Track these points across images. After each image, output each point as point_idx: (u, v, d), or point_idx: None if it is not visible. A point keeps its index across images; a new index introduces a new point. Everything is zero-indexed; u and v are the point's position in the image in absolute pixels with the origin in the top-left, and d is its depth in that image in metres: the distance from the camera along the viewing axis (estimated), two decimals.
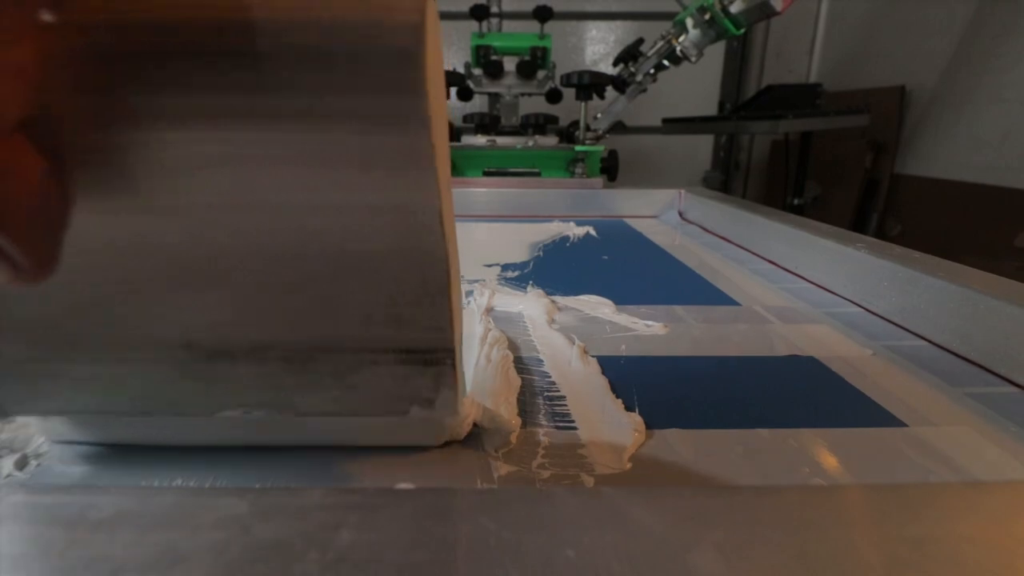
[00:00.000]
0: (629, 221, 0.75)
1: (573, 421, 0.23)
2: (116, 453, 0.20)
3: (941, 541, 0.11)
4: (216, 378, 0.16)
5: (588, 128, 1.02)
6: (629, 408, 0.24)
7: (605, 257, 0.55)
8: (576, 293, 0.41)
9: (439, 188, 0.13)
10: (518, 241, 0.60)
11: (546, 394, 0.26)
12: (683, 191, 0.76)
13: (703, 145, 2.32)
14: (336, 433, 0.20)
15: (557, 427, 0.23)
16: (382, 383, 0.16)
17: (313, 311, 0.15)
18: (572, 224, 0.70)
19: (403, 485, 0.15)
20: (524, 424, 0.23)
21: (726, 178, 2.30)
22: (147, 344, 0.16)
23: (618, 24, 2.15)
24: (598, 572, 0.10)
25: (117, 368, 0.16)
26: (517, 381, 0.26)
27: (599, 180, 0.91)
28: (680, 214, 0.76)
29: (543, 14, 1.09)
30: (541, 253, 0.56)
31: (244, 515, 0.11)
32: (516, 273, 0.47)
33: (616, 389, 0.26)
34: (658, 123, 1.69)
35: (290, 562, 0.10)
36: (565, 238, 0.63)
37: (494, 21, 1.17)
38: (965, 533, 0.11)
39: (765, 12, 0.92)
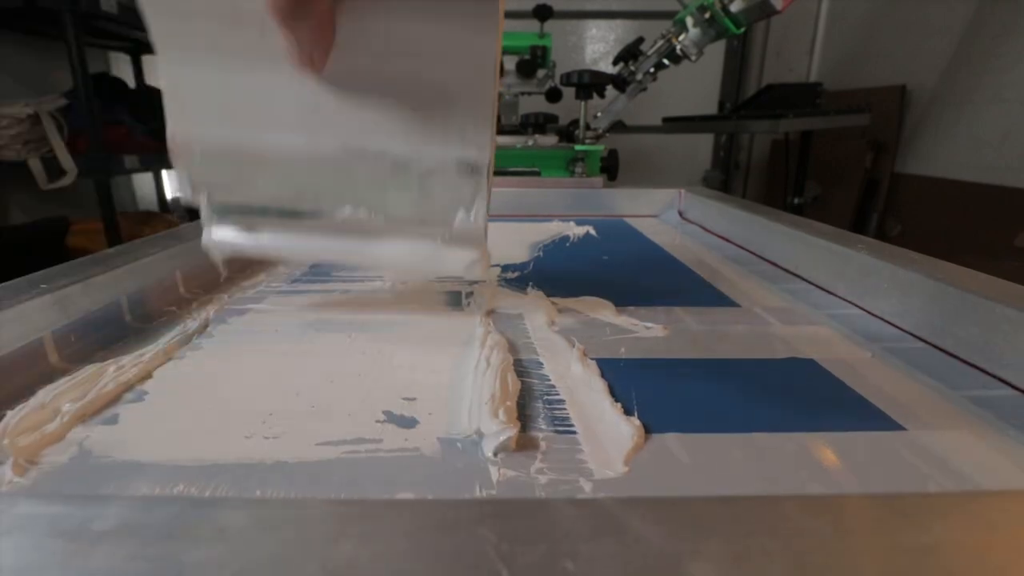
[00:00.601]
0: (629, 221, 0.75)
1: (572, 425, 0.23)
2: None
3: (939, 551, 0.11)
4: (352, 173, 0.27)
5: (588, 127, 1.02)
6: (628, 412, 0.24)
7: (605, 257, 0.55)
8: (576, 294, 0.41)
9: (497, 41, 0.23)
10: (518, 241, 0.60)
11: (545, 398, 0.26)
12: (683, 191, 0.76)
13: (703, 144, 2.32)
14: (398, 257, 0.30)
15: (556, 431, 0.23)
16: (446, 186, 0.26)
17: (415, 127, 0.25)
18: (572, 224, 0.70)
19: (403, 495, 0.15)
20: (523, 428, 0.23)
21: (726, 177, 2.30)
22: (323, 143, 0.26)
23: (618, 23, 2.15)
24: None
25: (298, 162, 0.26)
26: (517, 385, 0.26)
27: (599, 179, 0.91)
28: (680, 214, 0.76)
29: (543, 13, 1.09)
30: (541, 253, 0.56)
31: (244, 527, 0.11)
32: (516, 274, 0.47)
33: (616, 392, 0.26)
34: (658, 122, 1.69)
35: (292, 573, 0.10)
36: (565, 238, 0.63)
37: None
38: (963, 543, 0.11)
39: (765, 11, 0.92)
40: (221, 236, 0.30)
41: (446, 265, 0.30)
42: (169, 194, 2.20)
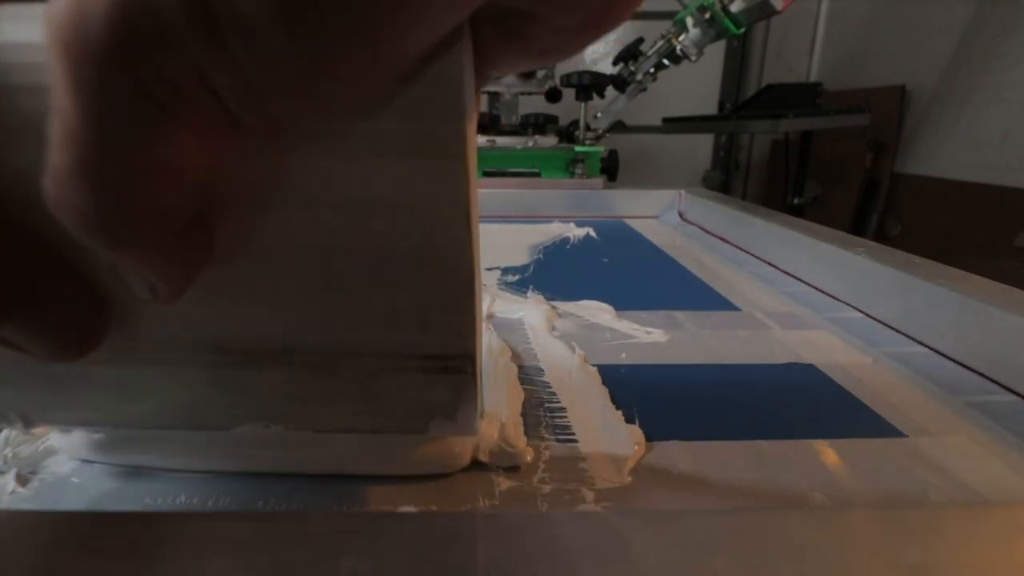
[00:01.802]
0: (629, 222, 0.75)
1: (574, 434, 0.23)
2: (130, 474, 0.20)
3: (941, 567, 0.11)
4: (241, 385, 0.16)
5: (588, 128, 1.02)
6: (629, 419, 0.24)
7: (605, 260, 0.55)
8: (576, 298, 0.41)
9: (469, 184, 0.13)
10: (518, 243, 0.60)
11: (546, 405, 0.26)
12: (683, 192, 0.76)
13: (703, 145, 2.32)
14: (349, 460, 0.20)
15: (558, 440, 0.23)
16: (403, 393, 0.16)
17: (342, 313, 0.15)
18: (572, 225, 0.70)
19: (405, 508, 0.15)
20: (526, 439, 0.23)
21: (726, 177, 2.30)
22: (178, 346, 0.15)
23: None
24: None
25: (146, 371, 0.16)
26: (521, 395, 0.26)
27: (599, 180, 0.91)
28: (680, 215, 0.76)
29: None
30: (541, 256, 0.56)
31: (247, 540, 0.11)
32: (516, 277, 0.47)
33: (616, 399, 0.26)
34: (658, 122, 1.69)
35: None
36: (565, 239, 0.63)
37: None
38: (965, 559, 0.11)
39: (765, 11, 0.92)
40: (65, 444, 0.21)
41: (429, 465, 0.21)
42: None
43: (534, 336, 0.34)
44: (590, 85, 0.95)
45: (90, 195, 0.08)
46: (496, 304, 0.39)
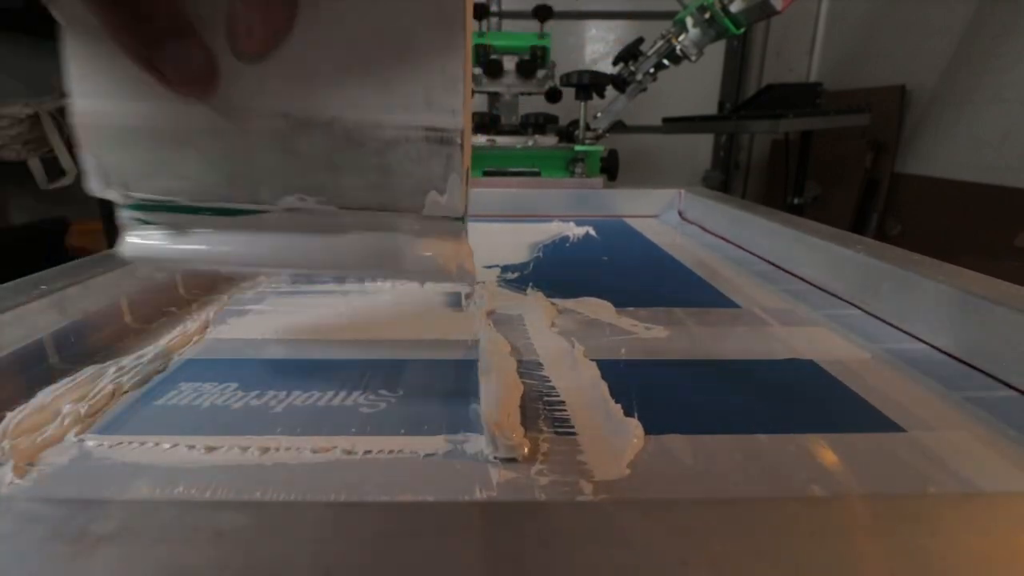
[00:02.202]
0: (629, 221, 0.75)
1: (572, 427, 0.23)
2: None
3: (940, 555, 0.11)
4: (296, 151, 0.21)
5: (588, 127, 1.02)
6: (628, 413, 0.24)
7: (605, 258, 0.55)
8: (576, 295, 0.41)
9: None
10: (518, 241, 0.60)
11: (545, 399, 0.26)
12: (683, 191, 0.76)
13: (703, 144, 2.32)
14: (361, 253, 0.24)
15: (556, 432, 0.23)
16: (408, 165, 0.21)
17: (373, 93, 0.20)
18: (572, 224, 0.70)
19: (403, 497, 0.15)
20: (524, 430, 0.23)
21: (726, 177, 2.30)
22: (259, 113, 0.20)
23: (618, 23, 2.15)
24: None
25: (229, 138, 0.21)
26: (520, 388, 0.26)
27: (599, 180, 0.91)
28: (680, 214, 0.76)
29: (543, 13, 1.09)
30: (541, 254, 0.56)
31: (244, 529, 0.11)
32: (516, 275, 0.47)
33: (615, 393, 0.26)
34: (658, 122, 1.69)
35: None
36: (565, 238, 0.63)
37: (494, 20, 1.17)
38: (964, 547, 0.11)
39: (765, 11, 0.92)
40: (139, 244, 0.24)
41: (422, 264, 0.23)
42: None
43: (534, 332, 0.34)
44: (590, 85, 0.95)
45: None
46: (496, 301, 0.39)
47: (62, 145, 1.31)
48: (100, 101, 0.21)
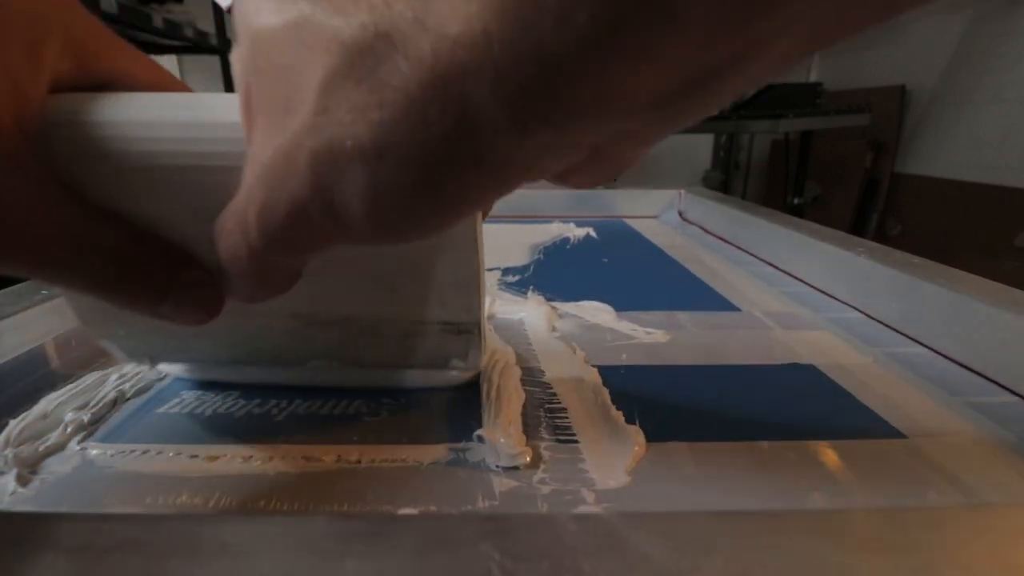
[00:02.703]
0: (629, 222, 0.75)
1: (574, 434, 0.23)
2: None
3: (942, 569, 0.11)
4: (312, 338, 0.23)
5: None
6: (630, 420, 0.24)
7: (605, 260, 0.55)
8: (576, 298, 0.41)
9: (476, 222, 0.19)
10: (518, 243, 0.60)
11: (547, 406, 0.26)
12: (683, 191, 0.76)
13: (703, 144, 2.32)
14: (389, 377, 0.27)
15: (558, 440, 0.23)
16: (428, 345, 0.24)
17: (384, 298, 0.22)
18: (572, 225, 0.70)
19: (406, 510, 0.15)
20: (526, 439, 0.23)
21: (726, 177, 2.30)
22: (271, 313, 0.22)
23: None
24: None
25: (246, 329, 0.23)
26: (522, 397, 0.26)
27: None
28: (680, 214, 0.76)
29: None
30: (541, 256, 0.56)
31: (249, 542, 0.11)
32: (516, 277, 0.47)
33: (617, 400, 0.26)
34: None
35: None
36: (565, 239, 0.63)
37: None
38: (965, 561, 0.11)
39: None
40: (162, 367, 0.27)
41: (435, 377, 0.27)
42: None
43: (535, 337, 0.34)
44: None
45: (247, 248, 0.13)
46: (497, 305, 0.39)
47: None
48: (110, 331, 0.24)
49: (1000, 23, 1.37)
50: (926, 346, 0.33)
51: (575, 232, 0.67)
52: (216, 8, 1.81)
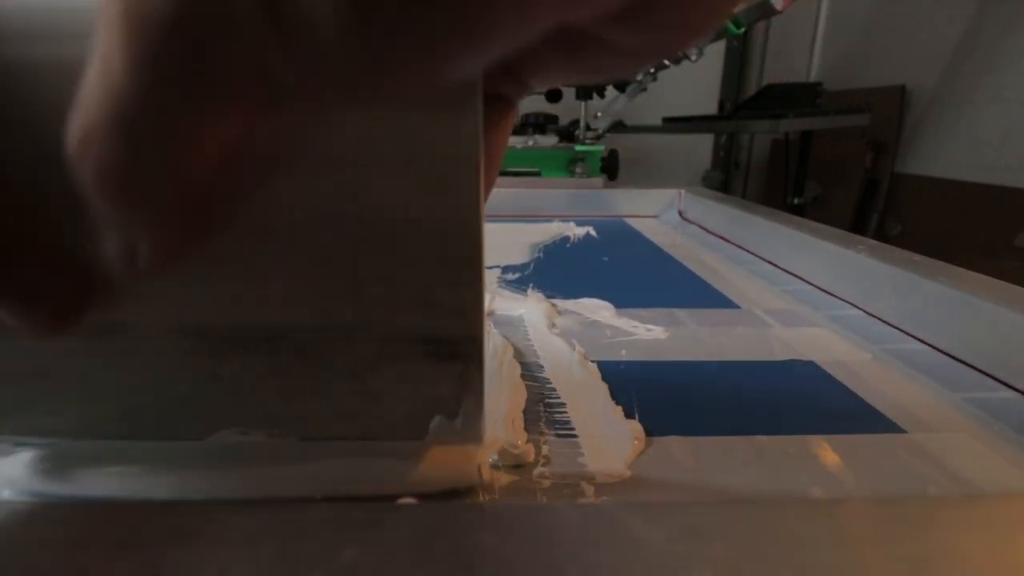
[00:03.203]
0: (629, 221, 0.75)
1: (573, 428, 0.23)
2: None
3: (941, 559, 0.11)
4: (221, 379, 0.14)
5: (588, 127, 1.02)
6: (629, 415, 0.24)
7: (605, 258, 0.55)
8: (576, 296, 0.41)
9: (478, 141, 0.12)
10: (518, 242, 0.60)
11: (546, 401, 0.26)
12: (683, 191, 0.76)
13: (703, 144, 2.32)
14: (337, 480, 0.17)
15: (557, 435, 0.23)
16: (402, 387, 0.15)
17: (340, 291, 0.13)
18: (572, 224, 0.70)
19: (405, 500, 0.15)
20: (527, 435, 0.23)
21: (726, 177, 2.30)
22: (157, 331, 0.13)
23: None
24: None
25: (116, 361, 0.14)
26: (524, 394, 0.26)
27: (599, 180, 0.91)
28: (680, 214, 0.76)
29: None
30: (541, 254, 0.56)
31: (248, 531, 0.11)
32: (516, 275, 0.47)
33: (616, 395, 0.26)
34: (658, 122, 1.69)
35: None
36: (565, 238, 0.63)
37: None
38: (965, 550, 0.11)
39: (765, 11, 0.92)
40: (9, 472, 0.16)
41: (426, 484, 0.17)
42: None
43: (534, 333, 0.34)
44: (591, 86, 0.95)
45: (120, 152, 0.08)
46: (496, 302, 0.39)
47: None
48: None
49: (1000, 23, 1.37)
50: (926, 343, 0.33)
51: (575, 231, 0.67)
52: None
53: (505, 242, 0.60)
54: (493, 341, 0.31)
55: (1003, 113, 1.37)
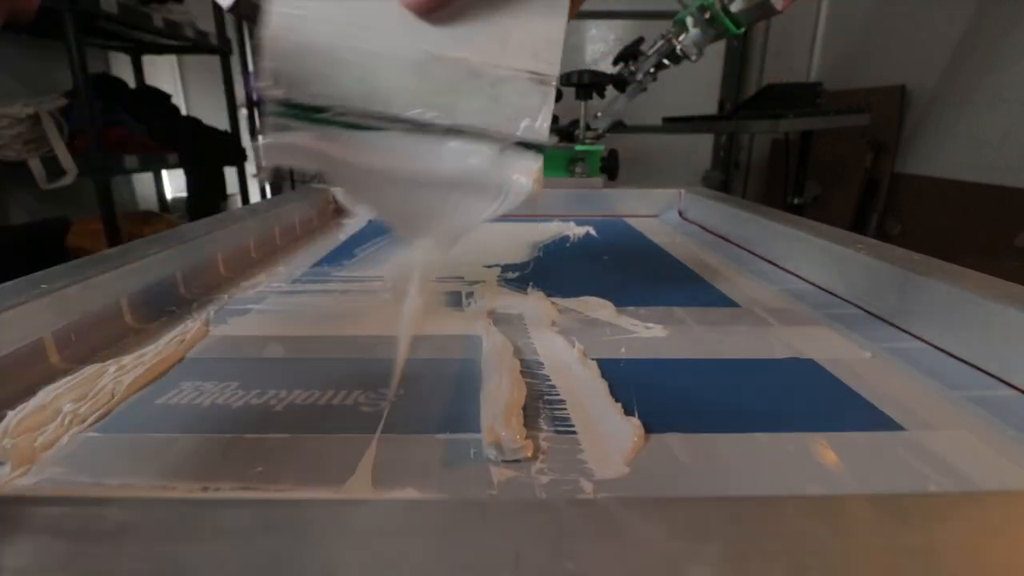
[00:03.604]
0: (629, 221, 0.74)
1: (573, 425, 0.23)
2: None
3: (938, 553, 0.11)
4: (429, 76, 0.27)
5: (588, 127, 1.02)
6: (628, 412, 0.24)
7: (605, 257, 0.55)
8: (576, 294, 0.41)
9: None
10: (518, 241, 0.60)
11: (546, 398, 0.26)
12: (683, 191, 0.76)
13: (703, 144, 2.32)
14: (461, 160, 0.29)
15: (557, 431, 0.23)
16: (512, 95, 0.27)
17: (494, 43, 0.27)
18: (572, 224, 0.70)
19: (406, 494, 0.15)
20: (526, 431, 0.23)
21: (726, 177, 2.29)
22: (408, 48, 0.27)
23: (618, 23, 2.15)
24: None
25: (380, 58, 0.27)
26: (523, 391, 0.26)
27: (599, 180, 0.91)
28: (680, 214, 0.76)
29: None
30: (541, 253, 0.56)
31: (246, 527, 0.11)
32: (516, 274, 0.47)
33: (615, 392, 0.26)
34: (658, 122, 1.69)
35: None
36: (565, 238, 0.63)
37: None
38: (962, 544, 0.11)
39: (765, 11, 0.91)
40: (277, 141, 0.28)
41: (502, 175, 0.29)
42: (169, 194, 2.21)
43: (534, 331, 0.34)
44: (590, 84, 0.95)
45: None
46: (496, 300, 0.39)
47: (62, 145, 1.31)
48: (288, 22, 0.26)
49: (1000, 23, 1.37)
50: (925, 341, 0.33)
51: (575, 231, 0.67)
52: (216, 8, 1.81)
53: (505, 241, 0.60)
54: (493, 339, 0.31)
55: (1003, 113, 1.37)
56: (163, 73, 2.20)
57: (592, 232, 0.66)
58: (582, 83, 0.93)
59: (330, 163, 0.28)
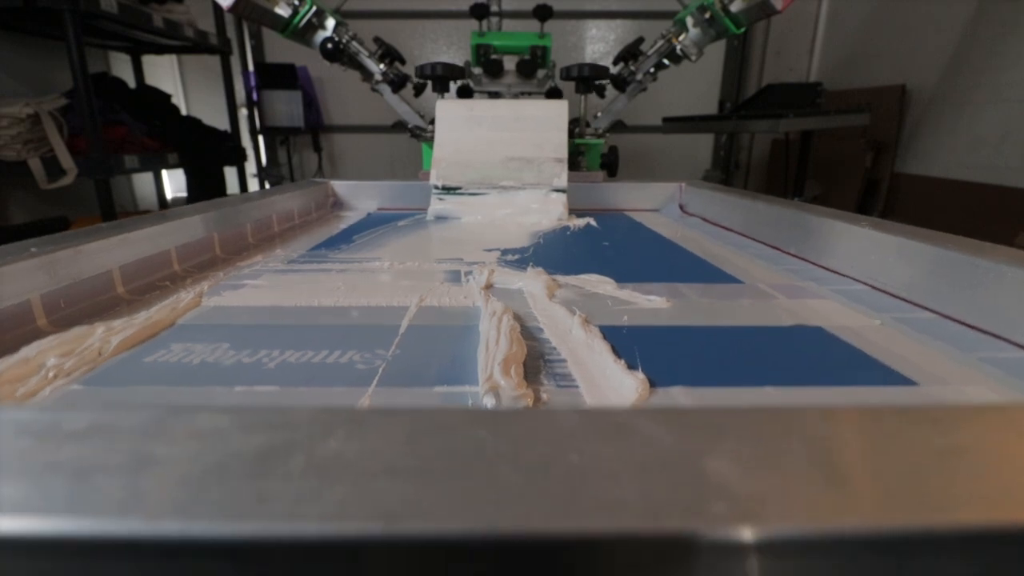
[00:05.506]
0: (630, 214, 0.74)
1: (575, 380, 0.23)
2: None
3: (965, 453, 0.10)
4: (507, 166, 0.68)
5: (588, 125, 1.01)
6: (632, 367, 0.23)
7: (606, 243, 0.55)
8: (577, 274, 0.40)
9: (564, 130, 0.72)
10: (519, 230, 0.60)
11: (546, 357, 0.25)
12: (684, 184, 0.76)
13: (703, 144, 2.32)
14: (527, 197, 0.69)
15: (558, 386, 0.22)
16: (548, 168, 0.69)
17: (537, 146, 0.70)
18: (573, 216, 0.69)
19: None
20: (527, 384, 0.22)
21: (726, 177, 2.29)
22: (496, 156, 0.69)
23: (618, 23, 2.15)
24: (604, 475, 0.09)
25: (488, 166, 0.69)
26: (524, 350, 0.25)
27: (600, 173, 0.91)
28: (681, 207, 0.75)
29: (543, 13, 1.09)
30: (541, 240, 0.55)
31: (225, 428, 0.11)
32: (516, 257, 0.47)
33: (619, 354, 0.25)
34: (658, 122, 1.69)
35: (273, 466, 0.09)
36: (565, 228, 0.63)
37: (494, 20, 1.17)
38: (990, 446, 0.11)
39: (765, 11, 0.91)
40: (438, 206, 0.66)
41: (548, 206, 0.66)
42: (169, 194, 2.21)
43: (534, 302, 0.33)
44: (590, 77, 0.95)
45: None
46: (495, 276, 0.39)
47: (62, 145, 1.31)
48: (444, 153, 0.68)
49: (1000, 23, 1.37)
50: (935, 312, 0.32)
51: (575, 221, 0.66)
52: (216, 8, 1.82)
53: (506, 230, 0.60)
54: (492, 306, 0.31)
55: (1003, 113, 1.37)
56: (163, 73, 2.21)
57: (593, 223, 0.65)
58: (582, 76, 0.92)
59: (463, 209, 0.65)
